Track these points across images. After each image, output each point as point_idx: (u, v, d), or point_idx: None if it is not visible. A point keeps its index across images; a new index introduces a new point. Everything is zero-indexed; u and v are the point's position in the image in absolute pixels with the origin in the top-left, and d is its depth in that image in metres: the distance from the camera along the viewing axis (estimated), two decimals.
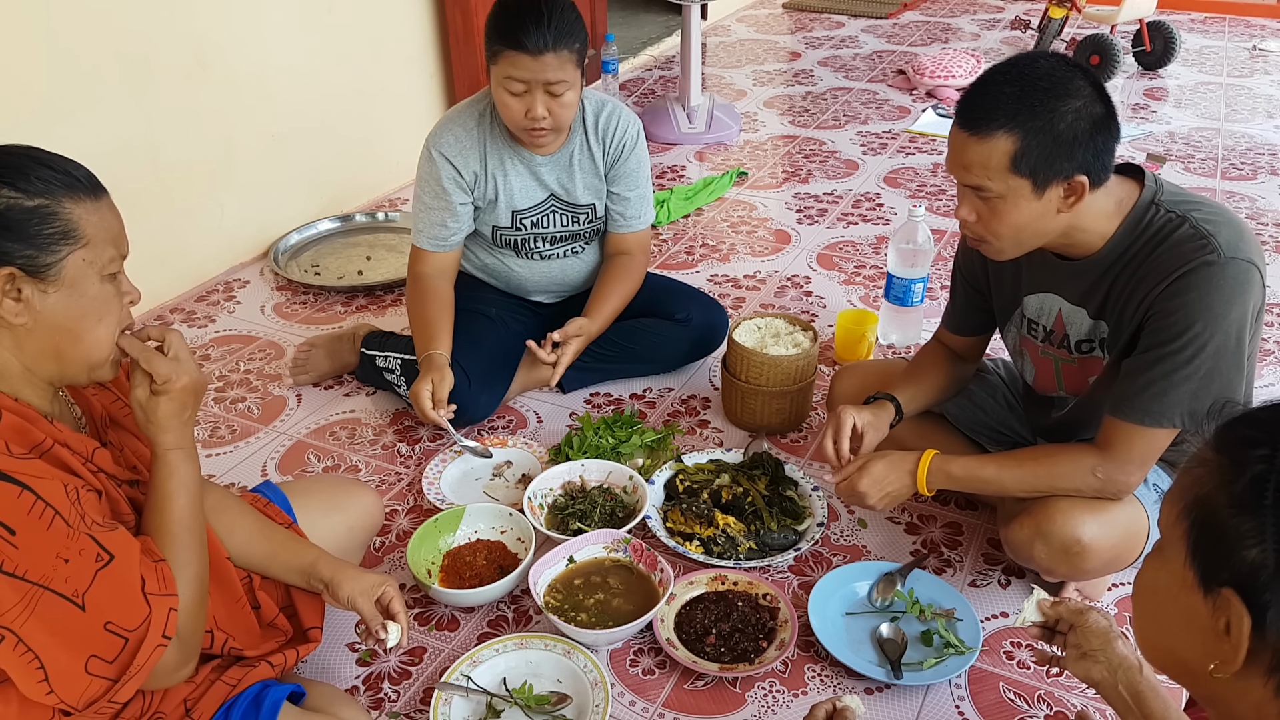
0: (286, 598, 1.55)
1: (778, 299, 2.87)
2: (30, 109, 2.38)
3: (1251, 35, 5.49)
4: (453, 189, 2.13)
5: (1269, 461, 0.73)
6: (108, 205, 1.15)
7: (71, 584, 1.04)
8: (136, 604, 1.10)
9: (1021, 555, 1.73)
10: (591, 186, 2.23)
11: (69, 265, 1.10)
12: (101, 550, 1.08)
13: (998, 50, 5.25)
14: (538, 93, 1.96)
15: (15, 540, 1.02)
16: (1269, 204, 3.43)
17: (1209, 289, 1.43)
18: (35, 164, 1.10)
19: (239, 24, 2.88)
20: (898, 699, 1.64)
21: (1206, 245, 1.44)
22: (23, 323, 1.10)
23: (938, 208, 3.42)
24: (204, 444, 2.27)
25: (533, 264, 2.32)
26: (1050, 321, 1.68)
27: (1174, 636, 0.83)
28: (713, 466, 2.09)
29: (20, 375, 1.14)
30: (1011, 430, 1.98)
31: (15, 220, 1.07)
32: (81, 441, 1.17)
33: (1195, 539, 0.78)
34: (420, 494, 2.09)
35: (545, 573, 1.78)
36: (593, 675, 1.60)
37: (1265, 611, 0.72)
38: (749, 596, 1.78)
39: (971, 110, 1.45)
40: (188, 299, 2.89)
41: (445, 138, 2.12)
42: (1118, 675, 1.19)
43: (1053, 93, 1.40)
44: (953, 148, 1.50)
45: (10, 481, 1.03)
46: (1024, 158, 1.42)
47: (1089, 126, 1.41)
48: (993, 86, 1.44)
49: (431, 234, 2.18)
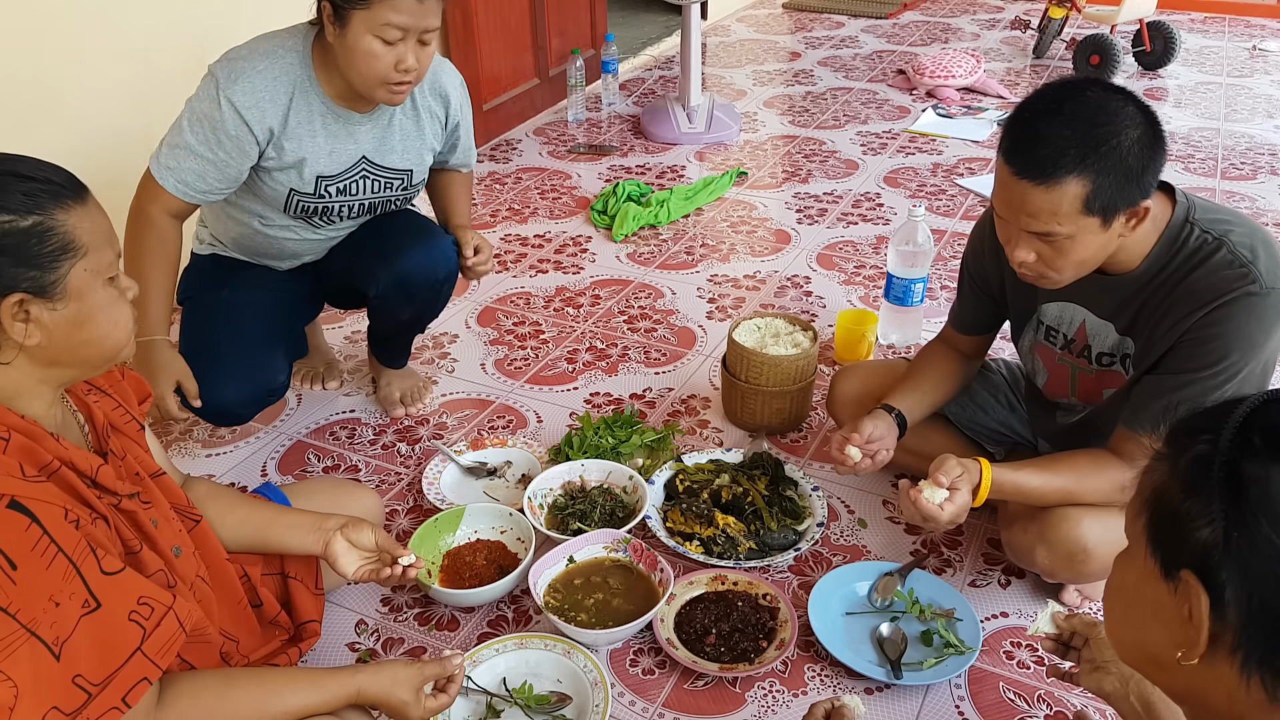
0: (285, 593, 1.55)
1: (778, 299, 2.87)
2: (29, 107, 2.38)
3: (1251, 35, 5.49)
4: (233, 151, 1.82)
5: (1212, 444, 0.76)
6: (94, 204, 1.12)
7: (55, 630, 0.99)
8: (109, 657, 1.04)
9: (1023, 559, 1.73)
10: (411, 149, 2.01)
11: (73, 277, 1.08)
12: (90, 596, 1.03)
13: (998, 50, 5.25)
14: (412, 41, 1.76)
15: (15, 576, 0.98)
16: (1269, 204, 3.43)
17: (1248, 320, 1.42)
18: (16, 179, 1.05)
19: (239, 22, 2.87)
20: (898, 699, 1.64)
21: (1247, 275, 1.42)
22: (35, 343, 1.08)
23: (938, 208, 3.42)
24: (204, 444, 2.27)
25: (320, 233, 2.07)
26: (1071, 331, 1.66)
27: (1143, 630, 0.84)
28: (713, 466, 2.09)
29: (30, 390, 1.11)
30: (1012, 431, 1.98)
31: (14, 244, 1.03)
32: (85, 459, 1.14)
33: (1153, 529, 0.81)
34: (420, 494, 2.09)
35: (545, 573, 1.78)
36: (593, 675, 1.60)
37: (1223, 591, 0.74)
38: (749, 596, 1.78)
39: (1031, 159, 1.38)
40: None
41: (242, 85, 1.80)
42: (1129, 686, 1.19)
43: (1110, 127, 1.35)
44: (1010, 195, 1.42)
45: (22, 512, 1.00)
46: (1096, 198, 1.37)
47: (1150, 152, 1.38)
48: (1048, 130, 1.37)
49: (185, 181, 1.84)
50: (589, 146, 3.98)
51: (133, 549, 1.18)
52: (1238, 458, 0.74)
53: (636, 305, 2.83)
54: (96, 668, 1.03)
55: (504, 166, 3.82)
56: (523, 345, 2.64)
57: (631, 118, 4.31)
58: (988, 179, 3.61)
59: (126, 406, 1.32)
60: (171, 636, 1.10)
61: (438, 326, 2.73)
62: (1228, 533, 0.73)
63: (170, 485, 1.33)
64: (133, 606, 1.08)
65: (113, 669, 1.04)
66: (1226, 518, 0.74)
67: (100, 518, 1.12)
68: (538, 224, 3.35)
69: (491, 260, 2.16)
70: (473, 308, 2.83)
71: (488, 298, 2.88)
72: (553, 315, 2.79)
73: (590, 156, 3.90)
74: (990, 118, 4.22)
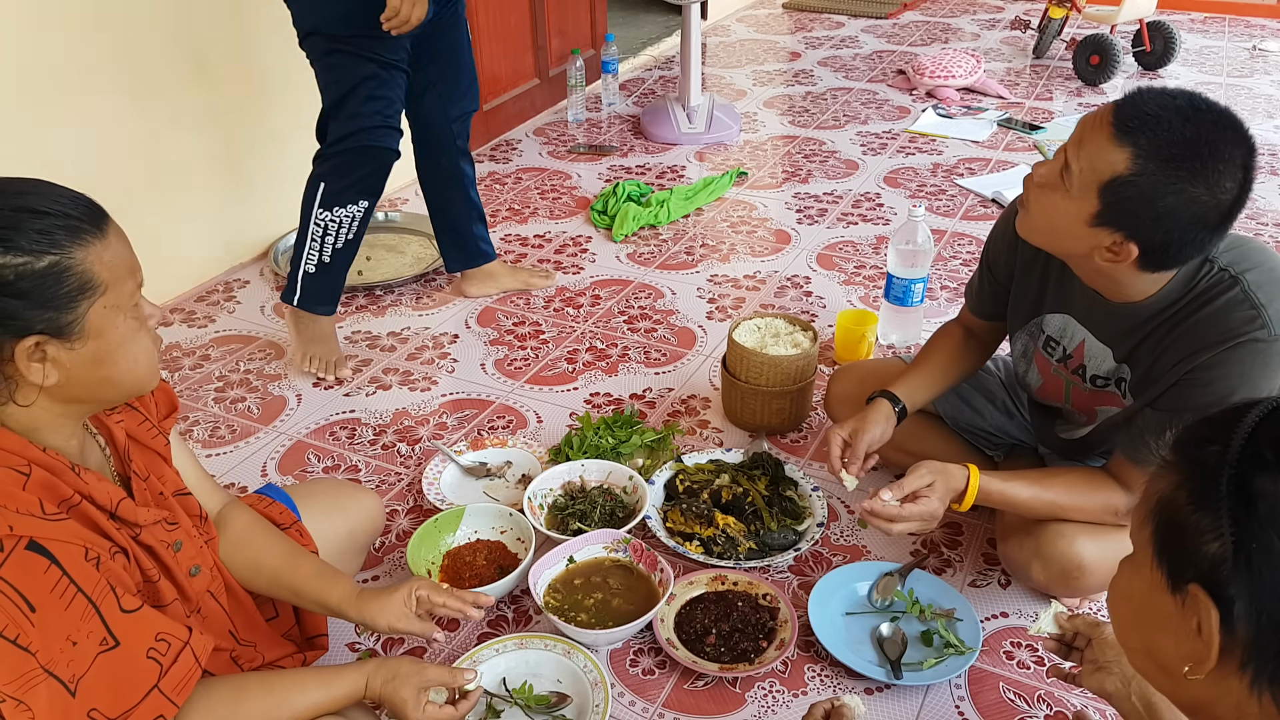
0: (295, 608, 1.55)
1: (778, 299, 2.87)
2: (30, 109, 2.38)
3: (1251, 35, 5.48)
4: None
5: (1220, 456, 0.74)
6: (115, 235, 1.07)
7: (72, 668, 0.99)
8: (126, 694, 1.04)
9: (1019, 573, 1.74)
10: None
11: (91, 317, 1.04)
12: (108, 635, 1.02)
13: (998, 50, 5.25)
14: None
15: (34, 619, 0.96)
16: (1269, 204, 3.43)
17: (1253, 364, 1.39)
18: (31, 215, 1.00)
19: (239, 23, 2.88)
20: (898, 699, 1.64)
21: (1257, 319, 1.37)
22: (53, 383, 1.04)
23: (938, 208, 3.42)
24: (204, 444, 2.27)
25: None
26: (1070, 347, 1.64)
27: (1150, 640, 0.83)
28: (713, 466, 2.09)
29: (51, 424, 1.08)
30: (1008, 435, 1.98)
31: (30, 286, 0.99)
32: (105, 493, 1.11)
33: (1160, 540, 0.79)
34: (420, 494, 2.09)
35: (545, 573, 1.78)
36: (593, 675, 1.60)
37: (1231, 605, 0.72)
38: (749, 596, 1.78)
39: (1133, 116, 1.29)
40: (188, 299, 2.89)
41: None
42: (1131, 686, 1.19)
43: (1199, 162, 1.26)
44: (1084, 126, 1.36)
45: (41, 553, 0.98)
46: (1118, 188, 1.30)
47: (1191, 219, 1.29)
48: (1170, 113, 1.28)
49: None
50: (589, 146, 3.98)
51: (151, 578, 1.17)
52: (1247, 470, 0.72)
53: (636, 305, 2.83)
54: (113, 704, 1.02)
55: (504, 166, 3.82)
56: (523, 345, 2.64)
57: (631, 118, 4.31)
58: (988, 179, 3.61)
59: (152, 420, 1.29)
60: (188, 672, 1.10)
61: (437, 326, 2.73)
62: (1237, 547, 0.71)
63: (192, 505, 1.32)
64: (151, 644, 1.07)
65: (129, 705, 1.04)
66: (1236, 532, 0.72)
67: (120, 550, 1.11)
68: (538, 224, 3.35)
69: None
70: (473, 308, 2.83)
71: (488, 298, 2.88)
72: (553, 315, 2.79)
73: (590, 156, 3.90)
74: (990, 118, 4.22)
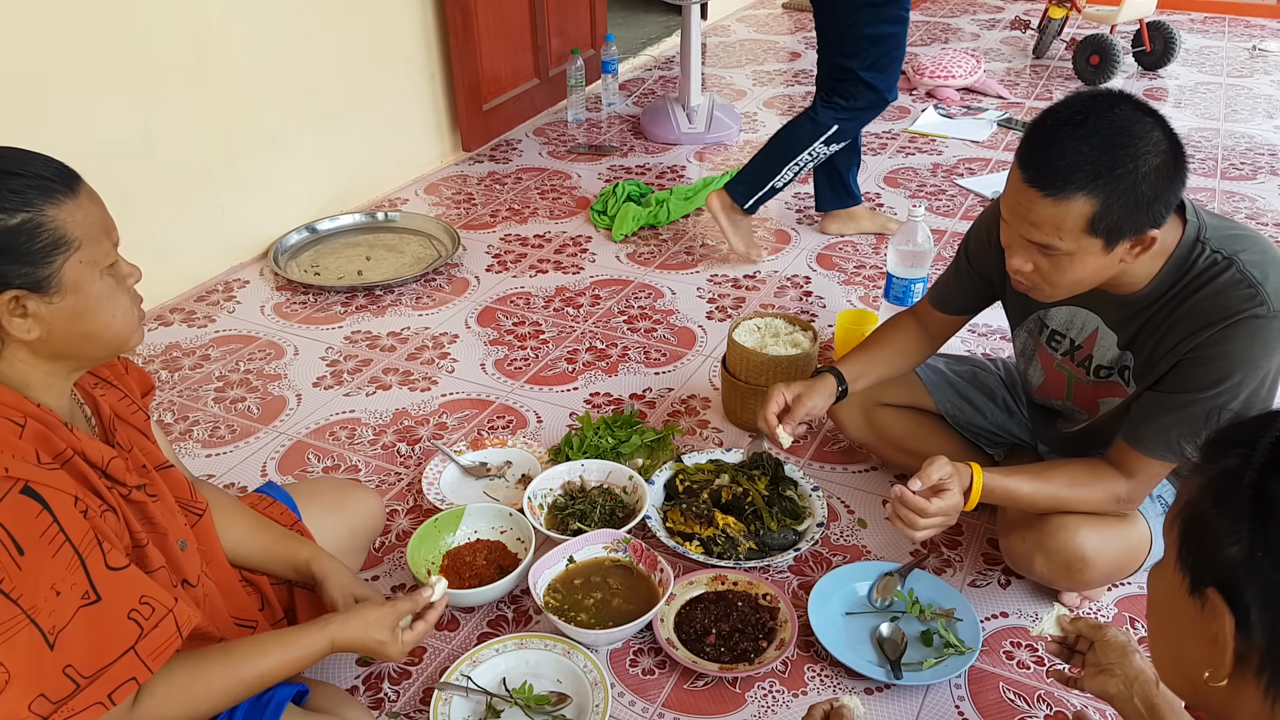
0: (290, 600, 1.55)
1: (777, 299, 2.87)
2: (29, 108, 2.38)
3: (1251, 35, 5.48)
4: None
5: (1244, 459, 0.74)
6: (87, 196, 1.12)
7: (53, 619, 1.01)
8: (102, 652, 1.05)
9: (1021, 567, 1.73)
10: None
11: (67, 271, 1.08)
12: (91, 589, 1.04)
13: (998, 50, 5.25)
14: None
15: (21, 561, 0.99)
16: (1269, 204, 3.43)
17: (1253, 342, 1.40)
18: (3, 176, 1.05)
19: (239, 24, 2.88)
20: (898, 699, 1.64)
21: (1255, 296, 1.39)
22: (35, 336, 1.09)
23: (937, 208, 3.42)
24: (204, 444, 2.27)
25: None
26: (1081, 338, 1.63)
27: (1176, 647, 0.83)
28: (713, 466, 2.09)
29: (40, 381, 1.13)
30: (1009, 433, 1.98)
31: (4, 243, 1.04)
32: (97, 449, 1.15)
33: (1183, 543, 0.79)
34: (420, 494, 2.09)
35: (545, 573, 1.78)
36: (593, 675, 1.60)
37: (1248, 611, 0.72)
38: (749, 596, 1.78)
39: (1045, 169, 1.34)
40: (188, 299, 2.89)
41: None
42: (1133, 688, 1.18)
43: (1131, 149, 1.31)
44: (1017, 202, 1.39)
45: (34, 498, 1.01)
46: (1102, 220, 1.33)
47: (1167, 182, 1.33)
48: (1068, 143, 1.32)
49: None
50: (589, 146, 3.98)
51: (139, 542, 1.19)
52: (1269, 476, 0.72)
53: (636, 305, 2.83)
54: (88, 660, 1.04)
55: (504, 166, 3.82)
56: (523, 345, 2.64)
57: (631, 118, 4.30)
58: (988, 179, 3.61)
59: (132, 398, 1.33)
60: (167, 640, 1.10)
61: (437, 326, 2.73)
62: (1252, 552, 0.71)
63: (176, 478, 1.34)
64: (133, 605, 1.08)
65: (104, 664, 1.05)
66: (1252, 537, 0.72)
67: (110, 509, 1.13)
68: (538, 224, 3.35)
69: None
70: (473, 308, 2.83)
71: (488, 298, 2.88)
72: (553, 315, 2.79)
73: (590, 156, 3.90)
74: (990, 118, 4.22)
